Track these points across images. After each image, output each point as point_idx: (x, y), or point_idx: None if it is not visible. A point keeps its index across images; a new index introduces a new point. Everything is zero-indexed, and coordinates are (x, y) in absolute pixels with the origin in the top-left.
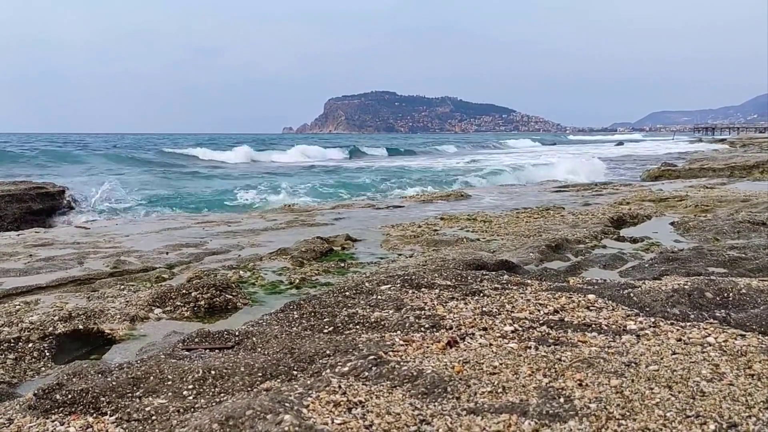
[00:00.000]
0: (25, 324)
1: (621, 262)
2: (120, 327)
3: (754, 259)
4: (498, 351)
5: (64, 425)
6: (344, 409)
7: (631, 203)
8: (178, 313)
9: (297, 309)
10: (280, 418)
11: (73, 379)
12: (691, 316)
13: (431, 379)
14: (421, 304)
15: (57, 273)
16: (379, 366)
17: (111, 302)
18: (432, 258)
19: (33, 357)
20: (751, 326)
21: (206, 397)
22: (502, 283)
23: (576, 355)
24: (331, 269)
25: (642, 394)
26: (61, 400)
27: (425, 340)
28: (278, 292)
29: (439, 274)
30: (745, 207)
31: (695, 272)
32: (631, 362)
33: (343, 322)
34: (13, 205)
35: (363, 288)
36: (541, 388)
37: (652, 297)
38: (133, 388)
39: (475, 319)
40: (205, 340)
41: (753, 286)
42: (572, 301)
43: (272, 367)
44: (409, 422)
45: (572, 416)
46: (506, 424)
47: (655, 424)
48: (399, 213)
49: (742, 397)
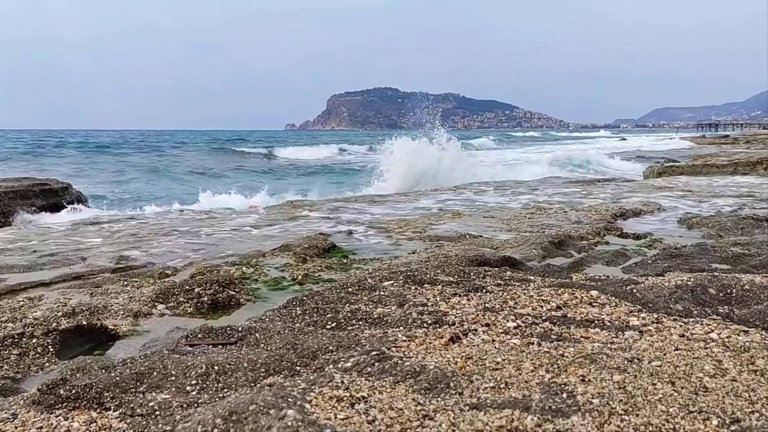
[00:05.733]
0: (29, 320)
1: (624, 259)
2: (123, 323)
3: (757, 256)
4: (501, 347)
5: (68, 420)
6: (347, 405)
7: (639, 194)
8: (181, 309)
9: (300, 305)
10: (284, 413)
11: (76, 374)
12: (694, 312)
13: (434, 375)
14: (423, 300)
15: (60, 269)
16: (381, 362)
17: (114, 298)
18: (434, 254)
19: (37, 352)
20: (755, 322)
21: (209, 392)
22: (505, 279)
23: (579, 351)
24: (334, 265)
25: (645, 389)
26: (65, 395)
27: (428, 336)
28: (281, 288)
29: (441, 271)
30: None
31: (698, 268)
32: (634, 358)
33: (345, 318)
34: (16, 201)
35: (366, 284)
36: (544, 384)
37: (655, 293)
38: (137, 383)
39: (477, 315)
40: (208, 336)
41: (756, 283)
42: (575, 297)
43: (275, 362)
44: (411, 417)
45: (575, 412)
46: (509, 419)
47: (658, 419)
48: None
49: (745, 392)
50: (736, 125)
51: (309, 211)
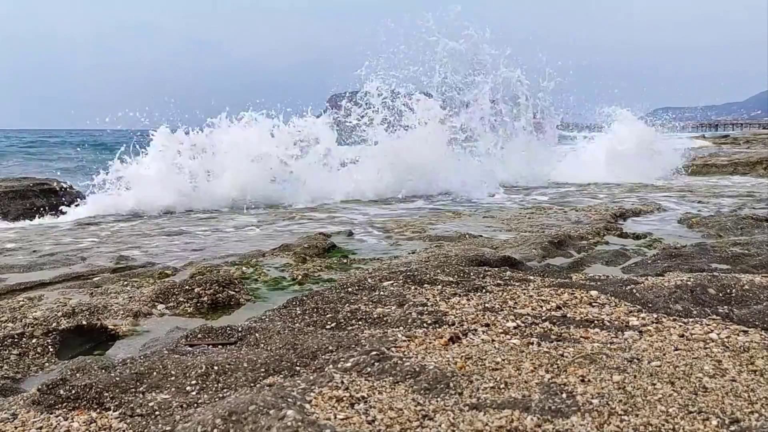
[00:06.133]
0: (28, 320)
1: (624, 259)
2: (123, 323)
3: (757, 256)
4: (500, 347)
5: (67, 420)
6: (347, 405)
7: (639, 194)
8: (181, 309)
9: (299, 305)
10: (283, 414)
11: (76, 374)
12: (694, 312)
13: (434, 375)
14: (423, 300)
15: (60, 269)
16: (381, 362)
17: (114, 298)
18: (434, 254)
19: (37, 352)
20: (754, 322)
21: (209, 392)
22: (505, 279)
23: (578, 351)
24: (334, 265)
25: (644, 389)
26: (65, 395)
27: (428, 336)
28: (281, 288)
29: (441, 270)
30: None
31: (698, 268)
32: (634, 358)
33: (345, 318)
34: (16, 201)
35: (365, 284)
36: (544, 384)
37: (654, 293)
38: (137, 383)
39: (477, 315)
40: (208, 336)
41: (756, 283)
42: (575, 297)
43: (275, 362)
44: (411, 418)
45: (575, 412)
46: (509, 419)
47: (658, 419)
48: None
49: (745, 393)
50: (736, 125)
51: (309, 211)
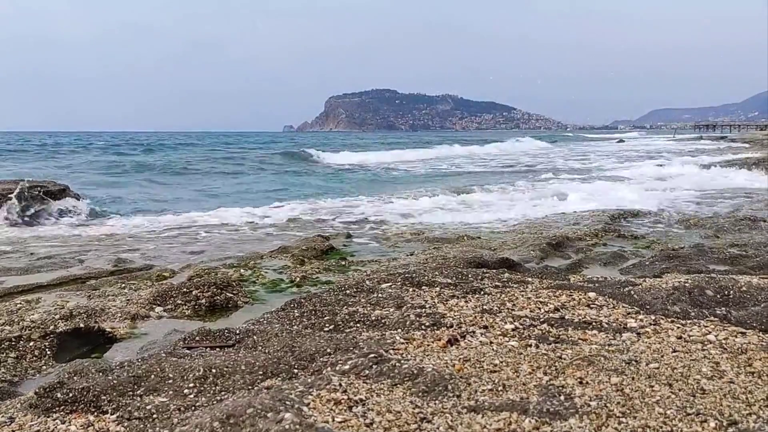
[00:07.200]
0: (26, 322)
1: (622, 260)
2: (121, 325)
3: (754, 257)
4: (498, 349)
5: (65, 424)
6: (345, 408)
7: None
8: (179, 311)
9: (298, 307)
10: (281, 417)
11: (74, 377)
12: (692, 314)
13: (432, 377)
14: (421, 302)
15: (58, 271)
16: (379, 364)
17: (112, 301)
18: (433, 256)
19: (34, 355)
20: (752, 324)
21: (207, 395)
22: (503, 281)
23: (576, 353)
24: (332, 267)
25: (642, 391)
26: (63, 398)
27: (426, 338)
28: (279, 290)
29: (439, 272)
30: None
31: (696, 270)
32: (632, 360)
33: (343, 321)
34: (13, 202)
35: (364, 286)
36: (542, 386)
37: (652, 295)
38: (134, 386)
39: (475, 317)
40: (206, 339)
41: (754, 284)
42: (573, 299)
43: (273, 365)
44: (409, 420)
45: (573, 414)
46: (507, 422)
47: (656, 421)
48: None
49: (743, 394)
50: (734, 126)
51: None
